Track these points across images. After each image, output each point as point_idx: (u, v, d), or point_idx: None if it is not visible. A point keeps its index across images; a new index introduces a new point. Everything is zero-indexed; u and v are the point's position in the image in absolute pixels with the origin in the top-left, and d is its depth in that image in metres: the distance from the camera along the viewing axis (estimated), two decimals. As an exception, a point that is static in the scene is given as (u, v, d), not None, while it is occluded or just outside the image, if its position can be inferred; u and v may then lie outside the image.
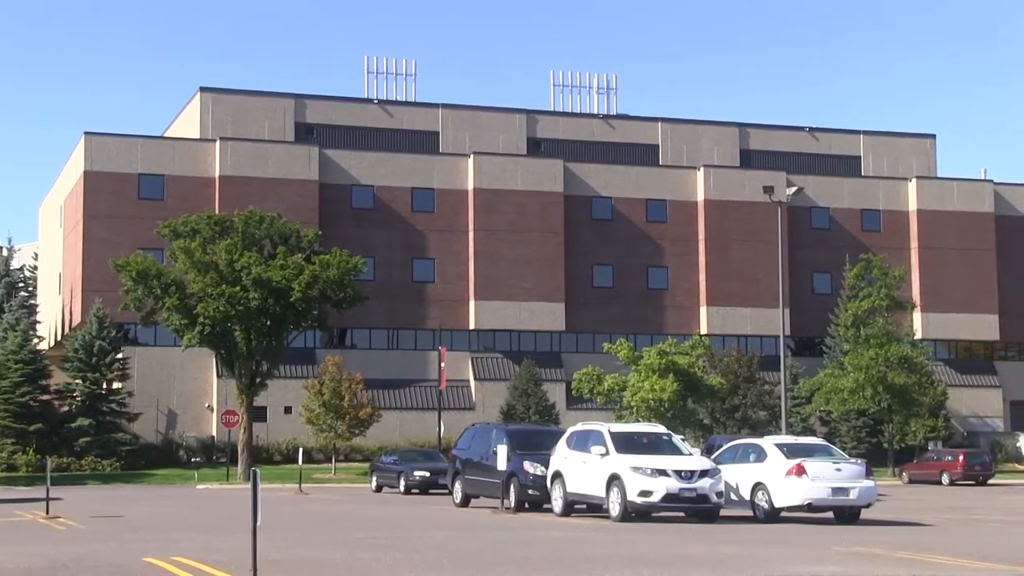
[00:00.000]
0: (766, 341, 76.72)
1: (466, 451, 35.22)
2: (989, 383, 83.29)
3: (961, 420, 79.64)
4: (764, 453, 29.85)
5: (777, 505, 28.71)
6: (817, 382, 69.60)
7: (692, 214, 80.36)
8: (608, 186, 79.80)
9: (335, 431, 63.00)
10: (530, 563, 18.19)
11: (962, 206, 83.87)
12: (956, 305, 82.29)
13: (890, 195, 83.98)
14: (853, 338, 68.37)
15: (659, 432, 31.18)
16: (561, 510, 29.86)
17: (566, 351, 77.56)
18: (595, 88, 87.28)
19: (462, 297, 76.61)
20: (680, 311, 79.16)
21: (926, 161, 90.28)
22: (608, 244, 78.90)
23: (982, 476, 61.07)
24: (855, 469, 29.24)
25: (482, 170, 77.63)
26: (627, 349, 63.05)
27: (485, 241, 76.89)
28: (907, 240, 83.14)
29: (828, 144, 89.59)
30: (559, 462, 30.20)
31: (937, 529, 28.09)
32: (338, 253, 59.49)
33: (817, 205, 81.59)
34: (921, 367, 69.89)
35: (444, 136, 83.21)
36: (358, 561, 18.35)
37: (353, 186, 76.40)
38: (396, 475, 49.28)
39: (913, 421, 69.58)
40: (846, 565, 18.52)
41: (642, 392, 60.23)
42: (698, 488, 27.90)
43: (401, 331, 76.19)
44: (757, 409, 70.62)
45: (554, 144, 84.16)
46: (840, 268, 74.38)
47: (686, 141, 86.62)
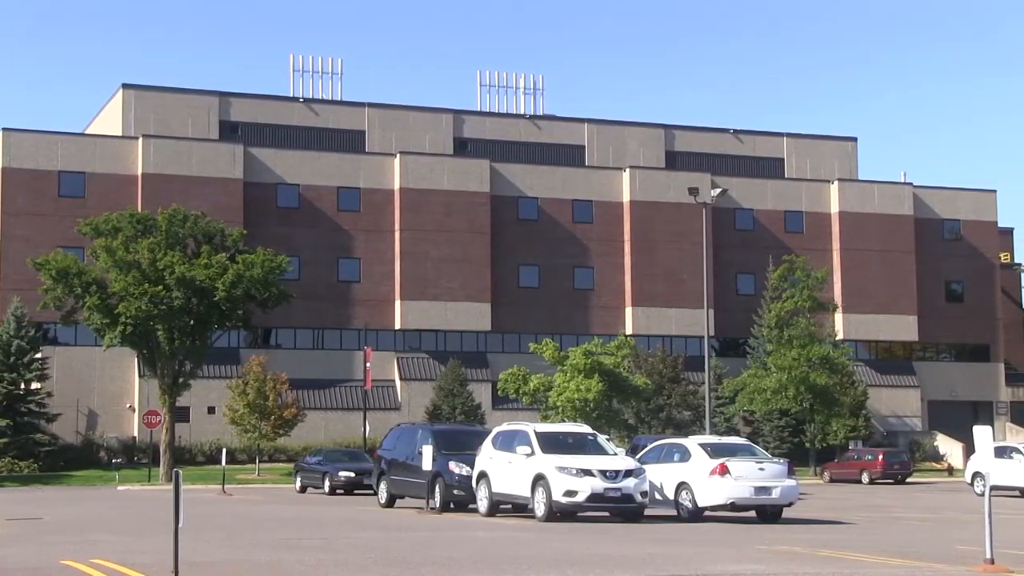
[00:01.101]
0: (691, 341, 77.25)
1: (391, 451, 35.14)
2: (908, 383, 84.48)
3: (881, 420, 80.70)
4: (688, 453, 30.06)
5: (701, 504, 28.92)
6: (741, 382, 70.27)
7: (618, 215, 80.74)
8: (534, 186, 79.97)
9: (259, 431, 62.56)
10: (455, 563, 18.16)
11: (882, 208, 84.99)
12: (876, 306, 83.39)
13: (812, 197, 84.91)
14: (776, 339, 69.06)
15: (584, 432, 31.27)
16: (486, 510, 29.85)
17: (492, 351, 77.59)
18: (522, 88, 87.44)
19: (388, 297, 76.39)
20: (606, 311, 79.49)
21: (848, 164, 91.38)
22: (534, 244, 79.05)
23: (901, 475, 61.91)
24: (777, 468, 29.53)
25: (408, 170, 77.45)
26: (553, 349, 63.21)
27: (411, 241, 76.71)
28: (829, 242, 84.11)
29: (752, 146, 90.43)
30: (484, 462, 30.20)
31: (857, 527, 28.44)
32: (263, 252, 59.11)
33: (741, 207, 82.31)
34: (842, 367, 70.78)
35: (370, 135, 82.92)
36: (281, 562, 18.22)
37: (278, 185, 75.90)
38: (321, 476, 49.05)
39: (834, 421, 70.40)
40: (768, 563, 18.68)
41: (568, 392, 60.40)
42: (623, 488, 28.03)
43: (326, 331, 75.82)
44: (682, 409, 71.09)
45: (481, 144, 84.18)
46: (764, 269, 75.07)
47: (612, 142, 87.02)
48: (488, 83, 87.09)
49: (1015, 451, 48.20)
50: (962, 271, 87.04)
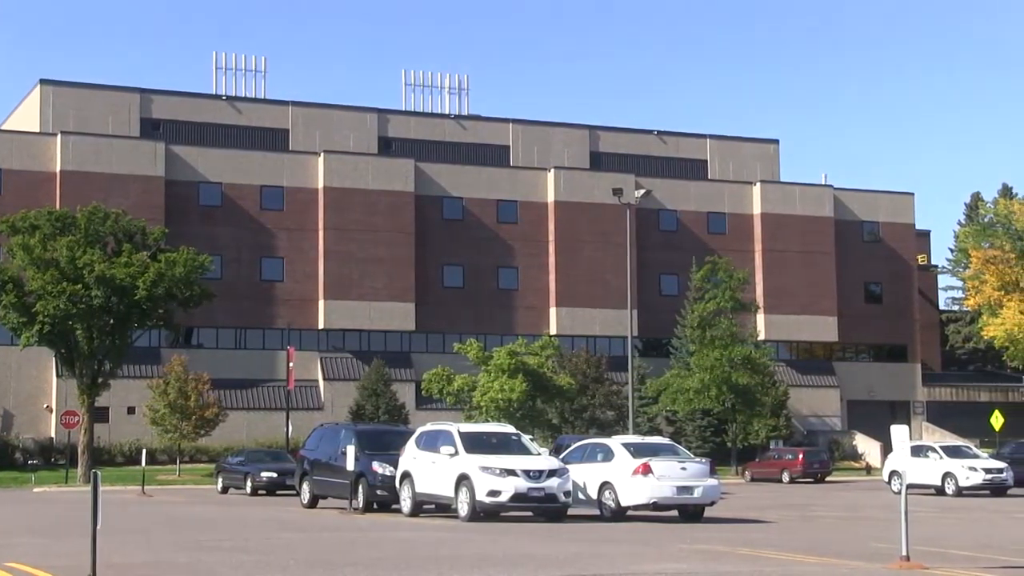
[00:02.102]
0: (614, 342, 77.61)
1: (314, 451, 34.97)
2: (828, 383, 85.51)
3: (801, 419, 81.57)
4: (611, 453, 30.18)
5: (624, 504, 29.04)
6: (664, 382, 70.72)
7: (542, 215, 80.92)
8: (459, 186, 79.93)
9: (180, 432, 61.97)
10: (378, 564, 18.10)
11: (803, 210, 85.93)
12: (797, 307, 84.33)
13: (735, 199, 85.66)
14: (699, 339, 69.57)
15: (508, 432, 31.30)
16: (410, 510, 29.79)
17: (416, 351, 77.45)
18: (447, 88, 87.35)
19: (311, 296, 75.98)
20: (530, 312, 79.65)
21: (770, 166, 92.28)
22: (459, 244, 79.02)
23: (820, 474, 62.60)
24: (699, 468, 29.72)
25: (333, 169, 77.08)
26: (477, 349, 63.23)
27: (335, 240, 76.35)
28: (751, 243, 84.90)
29: (676, 147, 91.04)
30: (408, 462, 30.13)
31: (778, 526, 28.72)
32: (185, 251, 58.56)
33: (665, 207, 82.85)
34: (764, 368, 71.48)
35: (294, 134, 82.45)
36: (201, 564, 18.05)
37: (200, 183, 75.22)
38: (243, 476, 48.66)
39: (756, 420, 71.03)
40: (690, 562, 18.81)
41: (492, 392, 60.47)
42: (546, 488, 28.09)
43: (249, 330, 75.27)
44: (605, 409, 71.37)
45: (406, 143, 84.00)
46: (687, 270, 75.57)
47: (537, 142, 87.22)
48: (413, 82, 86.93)
49: (931, 450, 48.97)
50: (881, 273, 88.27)
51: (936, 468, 47.46)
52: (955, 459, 47.67)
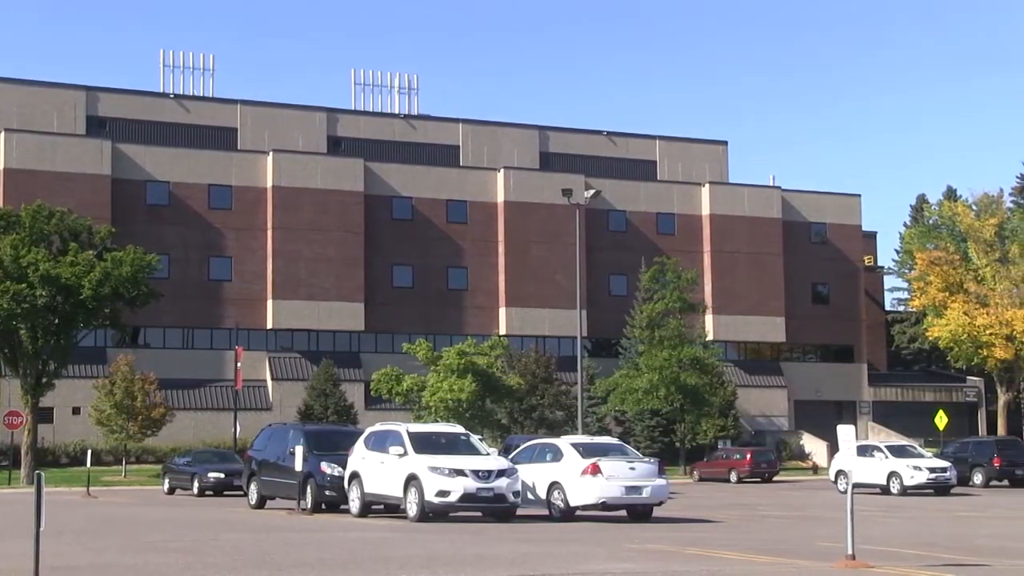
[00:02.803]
0: (564, 342, 77.73)
1: (262, 452, 34.77)
2: (775, 383, 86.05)
3: (749, 419, 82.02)
4: (560, 453, 30.21)
5: (573, 504, 29.08)
6: (613, 382, 70.91)
7: (492, 215, 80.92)
8: (409, 186, 79.77)
9: (126, 432, 61.45)
10: (326, 564, 18.03)
11: (752, 211, 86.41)
12: (745, 308, 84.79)
13: (684, 199, 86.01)
14: (648, 339, 69.81)
15: (457, 432, 31.29)
16: (358, 511, 29.70)
17: (365, 351, 77.24)
18: (396, 88, 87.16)
19: (260, 296, 75.60)
20: (479, 312, 79.63)
21: (718, 167, 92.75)
22: (408, 244, 78.87)
23: (768, 473, 62.97)
24: (648, 468, 29.81)
25: (281, 168, 76.72)
26: (426, 349, 63.13)
27: (284, 240, 76.01)
28: (699, 244, 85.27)
29: (625, 148, 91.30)
30: (357, 462, 30.04)
31: (725, 525, 28.87)
32: (132, 250, 58.06)
33: (614, 208, 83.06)
34: (712, 368, 71.83)
35: (243, 133, 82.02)
36: (148, 565, 17.90)
37: (148, 182, 74.65)
38: (190, 477, 48.29)
39: (704, 420, 71.39)
40: (638, 562, 18.87)
41: (441, 392, 60.39)
42: (495, 488, 28.09)
43: (196, 330, 74.80)
44: (554, 409, 71.46)
45: (355, 143, 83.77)
46: (636, 270, 75.78)
47: (487, 143, 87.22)
48: (363, 82, 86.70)
49: (877, 450, 49.41)
50: (828, 274, 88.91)
51: (882, 468, 47.92)
52: (900, 459, 48.18)
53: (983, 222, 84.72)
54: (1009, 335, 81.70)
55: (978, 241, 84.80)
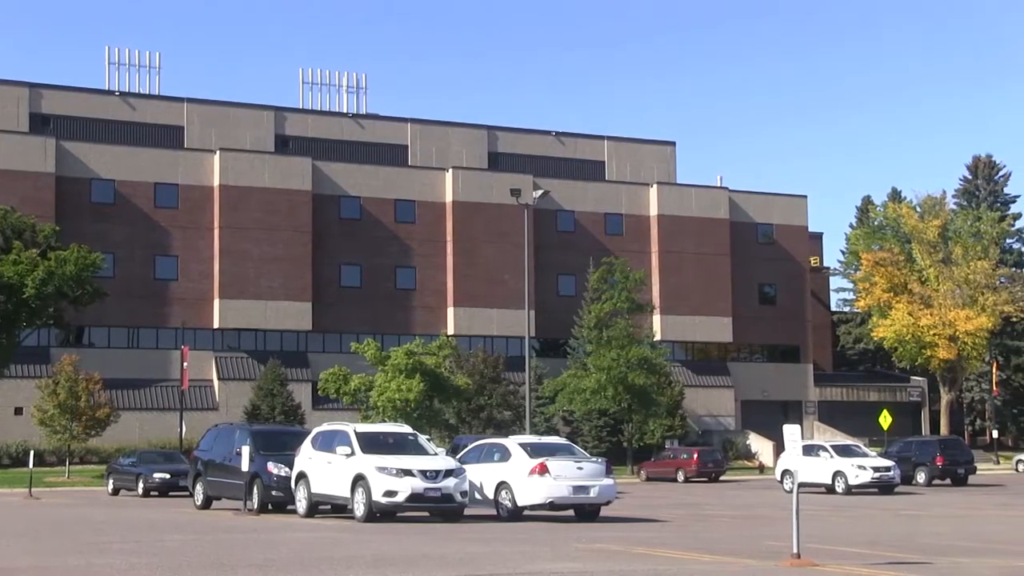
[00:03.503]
0: (512, 342, 77.75)
1: (208, 452, 34.55)
2: (722, 383, 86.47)
3: (696, 419, 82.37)
4: (508, 453, 30.23)
5: (520, 504, 29.10)
6: (561, 382, 70.99)
7: (440, 215, 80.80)
8: (357, 185, 79.51)
9: (70, 433, 60.77)
10: (273, 565, 17.94)
11: (699, 212, 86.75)
12: (693, 308, 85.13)
13: (632, 200, 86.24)
14: (596, 339, 69.93)
15: (405, 432, 31.24)
16: (305, 511, 29.58)
17: (313, 351, 76.92)
18: (344, 87, 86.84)
19: (206, 295, 75.09)
20: (428, 311, 79.50)
21: (666, 167, 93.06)
22: (356, 244, 78.61)
23: (715, 473, 63.28)
24: (596, 468, 29.88)
25: (228, 167, 76.25)
26: (374, 349, 62.93)
27: (231, 239, 75.54)
28: (648, 244, 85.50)
29: (574, 149, 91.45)
30: (304, 463, 29.91)
31: (672, 525, 28.99)
32: (76, 249, 57.54)
33: (563, 208, 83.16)
34: (660, 368, 72.07)
35: (189, 131, 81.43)
36: (91, 567, 17.72)
37: (93, 180, 73.95)
38: (134, 477, 47.92)
39: (651, 420, 71.61)
40: (585, 562, 18.90)
41: (389, 392, 60.21)
42: (443, 488, 28.06)
43: (142, 330, 74.21)
44: (502, 409, 71.48)
45: (303, 142, 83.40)
46: (584, 271, 75.92)
47: (435, 142, 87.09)
48: (311, 80, 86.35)
49: (822, 449, 49.82)
50: (774, 274, 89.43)
51: (827, 467, 48.33)
52: (845, 458, 48.63)
53: (927, 223, 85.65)
54: (952, 335, 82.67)
55: (922, 242, 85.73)
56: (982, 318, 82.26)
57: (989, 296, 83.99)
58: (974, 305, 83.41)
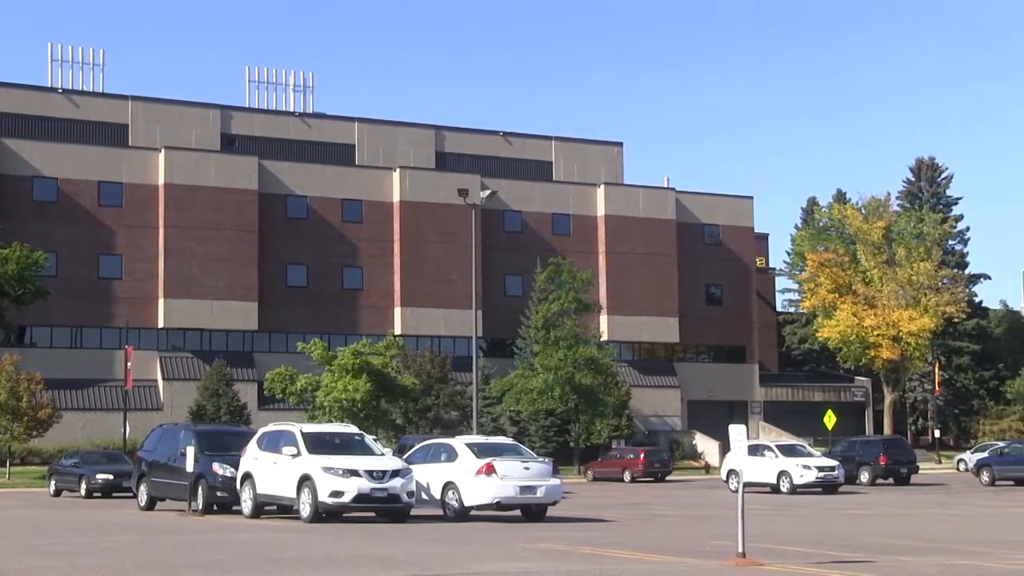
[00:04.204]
0: (459, 342, 77.67)
1: (152, 452, 34.28)
2: (669, 383, 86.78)
3: (643, 419, 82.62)
4: (455, 453, 30.21)
5: (467, 504, 29.09)
6: (508, 382, 71.01)
7: (387, 215, 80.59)
8: (304, 185, 79.14)
9: (11, 433, 60.09)
10: (217, 566, 17.82)
11: (646, 213, 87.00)
12: (639, 308, 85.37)
13: (579, 200, 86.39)
14: (543, 340, 70.01)
15: (351, 432, 31.17)
16: (250, 512, 29.41)
17: (259, 351, 76.49)
18: (291, 85, 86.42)
19: (151, 295, 74.48)
20: (375, 311, 79.26)
21: (614, 168, 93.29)
22: (303, 243, 78.24)
23: (661, 473, 63.54)
24: (542, 468, 29.92)
25: (174, 165, 75.67)
26: (321, 349, 62.66)
27: (176, 238, 74.97)
28: (595, 244, 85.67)
29: (521, 149, 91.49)
30: (249, 463, 29.75)
31: (618, 524, 29.09)
32: (18, 247, 57.01)
33: (510, 208, 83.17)
34: (607, 368, 72.24)
35: (134, 129, 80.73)
36: (32, 569, 17.53)
37: (35, 178, 73.14)
38: (77, 478, 47.43)
39: (598, 420, 71.77)
40: (531, 561, 18.92)
41: (335, 392, 59.99)
42: (389, 488, 28.00)
43: (85, 329, 73.48)
44: (449, 409, 71.41)
45: (249, 141, 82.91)
46: (531, 271, 75.98)
47: (382, 142, 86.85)
48: (257, 79, 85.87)
49: (767, 449, 50.16)
50: (721, 275, 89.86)
51: (772, 467, 48.66)
52: (790, 458, 48.98)
53: (871, 225, 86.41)
54: (895, 336, 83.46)
55: (866, 243, 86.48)
56: (925, 319, 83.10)
57: (932, 297, 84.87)
58: (917, 306, 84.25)
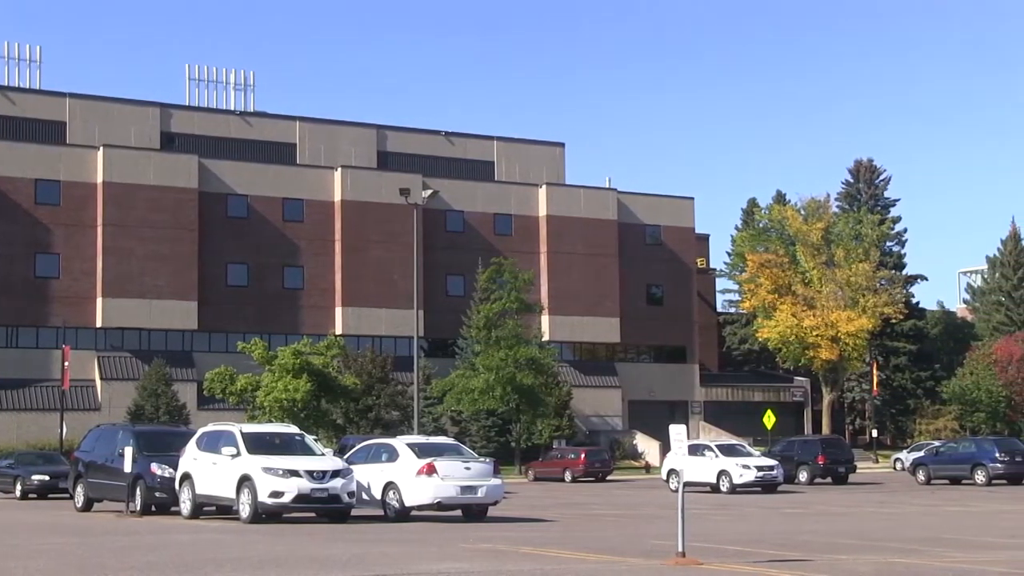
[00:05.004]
0: (400, 342, 77.48)
1: (90, 453, 34.00)
2: (610, 384, 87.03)
3: (584, 419, 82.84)
4: (396, 453, 30.16)
5: (408, 504, 29.05)
6: (449, 382, 70.94)
7: (329, 214, 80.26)
8: (244, 184, 78.65)
9: (-54, 434, 59.32)
10: (155, 568, 17.67)
11: (588, 213, 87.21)
12: (581, 308, 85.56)
13: (521, 200, 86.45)
14: (484, 340, 70.03)
15: (292, 432, 31.08)
16: (189, 512, 29.22)
17: (198, 350, 75.90)
18: (232, 84, 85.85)
19: (89, 294, 73.71)
20: (316, 311, 78.90)
21: (555, 168, 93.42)
22: (244, 242, 77.75)
23: (602, 473, 63.74)
24: (483, 468, 29.93)
25: (113, 163, 74.92)
26: (261, 349, 62.34)
27: (115, 237, 74.24)
28: (537, 244, 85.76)
29: (463, 149, 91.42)
30: (188, 463, 29.55)
31: (559, 524, 29.15)
32: (-48, 245, 56.15)
33: (452, 208, 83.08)
34: (548, 368, 72.36)
35: (72, 127, 79.85)
36: (-33, 572, 17.30)
37: (-30, 175, 72.18)
38: (12, 479, 46.89)
39: (539, 420, 71.91)
40: (472, 562, 18.92)
41: (276, 392, 59.69)
42: (330, 488, 27.92)
43: (21, 328, 72.60)
44: (390, 409, 71.22)
45: (189, 139, 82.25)
46: (473, 271, 75.97)
47: (324, 141, 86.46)
48: (197, 77, 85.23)
49: (707, 449, 50.45)
50: (662, 275, 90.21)
51: (712, 466, 48.94)
52: (730, 457, 49.29)
53: (811, 226, 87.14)
54: (834, 336, 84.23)
55: (806, 244, 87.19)
56: (863, 319, 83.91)
57: (870, 298, 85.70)
58: (855, 307, 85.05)
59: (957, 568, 18.65)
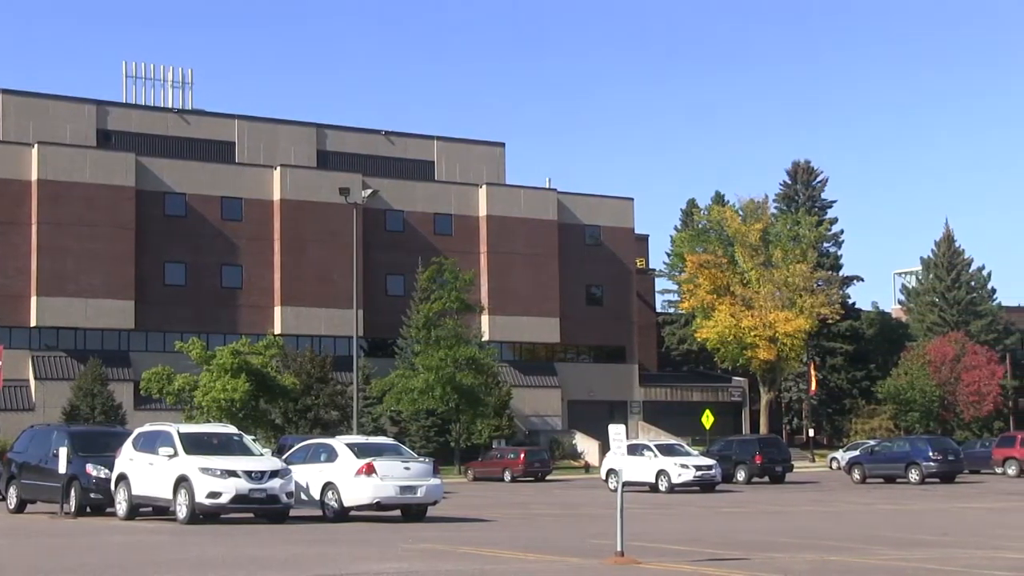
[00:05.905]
0: (340, 341, 77.18)
1: (23, 454, 33.61)
2: (550, 383, 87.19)
3: (523, 419, 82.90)
4: (335, 453, 30.07)
5: (347, 504, 28.96)
6: (389, 382, 70.78)
7: (268, 213, 79.78)
8: (182, 182, 77.99)
9: None
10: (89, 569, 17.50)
11: (528, 213, 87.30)
12: (521, 308, 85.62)
13: (461, 200, 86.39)
14: (424, 339, 69.94)
15: (230, 432, 30.91)
16: (125, 513, 28.96)
17: (135, 350, 75.19)
18: (170, 82, 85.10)
19: (23, 293, 72.78)
20: (254, 310, 78.41)
21: (496, 168, 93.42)
22: (181, 241, 77.09)
23: (541, 472, 63.85)
24: (423, 468, 29.90)
25: (47, 161, 74.02)
26: (199, 348, 61.88)
27: (49, 235, 73.35)
28: (477, 244, 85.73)
29: (404, 148, 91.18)
30: (124, 464, 29.29)
31: (498, 524, 29.18)
32: None
33: (392, 208, 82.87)
34: (488, 368, 72.37)
35: (4, 124, 78.77)
36: (-103, 574, 17.04)
37: (-98, 172, 71.08)
38: (-58, 481, 46.11)
39: (479, 420, 71.91)
40: (411, 562, 18.91)
41: (214, 392, 59.29)
42: (268, 489, 27.80)
43: (-46, 328, 71.56)
44: (329, 409, 70.93)
45: (126, 137, 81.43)
46: (413, 270, 75.82)
47: (263, 139, 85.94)
48: (135, 75, 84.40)
49: (646, 449, 50.68)
50: (602, 275, 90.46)
51: (651, 466, 49.19)
52: (668, 457, 49.57)
53: (749, 227, 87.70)
54: (772, 337, 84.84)
55: (744, 245, 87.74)
56: (800, 320, 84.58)
57: (807, 298, 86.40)
58: (793, 307, 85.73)
59: (890, 566, 18.87)
